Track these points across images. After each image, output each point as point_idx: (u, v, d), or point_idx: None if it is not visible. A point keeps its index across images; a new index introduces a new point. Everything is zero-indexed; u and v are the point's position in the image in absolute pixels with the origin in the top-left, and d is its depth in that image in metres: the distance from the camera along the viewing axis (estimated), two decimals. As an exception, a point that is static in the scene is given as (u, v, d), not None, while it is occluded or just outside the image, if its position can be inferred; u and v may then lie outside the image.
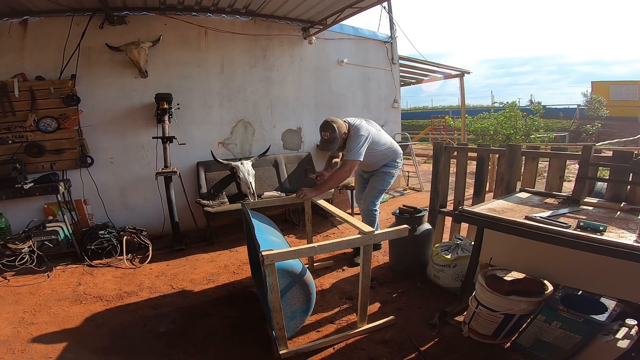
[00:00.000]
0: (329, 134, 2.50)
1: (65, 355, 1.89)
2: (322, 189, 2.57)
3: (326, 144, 2.56)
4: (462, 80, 7.85)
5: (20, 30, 3.29)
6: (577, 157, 2.10)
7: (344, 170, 2.55)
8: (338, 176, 2.56)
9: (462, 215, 1.83)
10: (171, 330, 2.10)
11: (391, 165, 2.80)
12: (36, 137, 3.30)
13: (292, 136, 4.64)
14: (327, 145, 2.56)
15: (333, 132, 2.50)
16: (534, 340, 1.67)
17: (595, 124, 11.51)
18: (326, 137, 2.52)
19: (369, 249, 1.81)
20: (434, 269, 2.45)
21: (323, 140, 2.56)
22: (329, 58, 4.80)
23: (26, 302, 2.47)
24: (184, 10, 3.78)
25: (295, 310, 1.78)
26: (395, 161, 2.82)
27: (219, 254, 3.31)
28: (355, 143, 2.53)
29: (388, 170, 2.79)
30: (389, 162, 2.79)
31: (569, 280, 1.60)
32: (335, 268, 2.86)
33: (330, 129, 2.50)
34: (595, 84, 16.63)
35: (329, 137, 2.50)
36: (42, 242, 3.07)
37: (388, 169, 2.79)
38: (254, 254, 2.45)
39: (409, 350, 1.82)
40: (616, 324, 1.45)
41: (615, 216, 1.72)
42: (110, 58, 3.53)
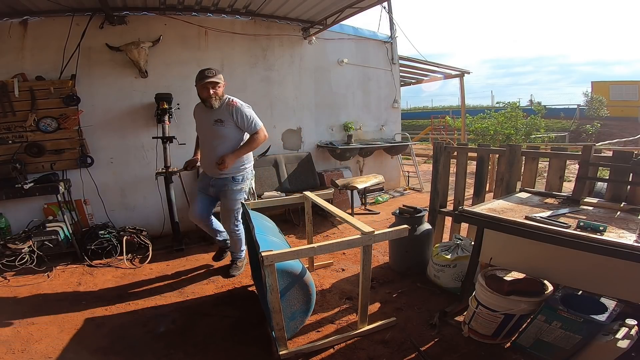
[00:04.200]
0: (214, 72, 2.39)
1: (65, 355, 1.89)
2: (241, 152, 2.50)
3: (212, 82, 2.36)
4: (462, 80, 7.84)
5: (20, 30, 3.29)
6: (577, 157, 2.10)
7: (260, 136, 2.52)
8: (255, 140, 2.52)
9: (462, 215, 1.83)
10: (171, 330, 2.10)
11: (239, 180, 2.59)
12: (36, 137, 3.30)
13: (292, 136, 4.64)
14: (212, 84, 2.37)
15: (218, 73, 2.42)
16: (534, 340, 1.67)
17: (595, 124, 11.51)
18: (211, 75, 2.36)
19: (369, 249, 1.81)
20: (434, 269, 2.45)
21: (207, 76, 2.35)
22: (329, 58, 4.80)
23: (26, 302, 2.47)
24: (184, 10, 3.78)
25: (295, 311, 1.78)
26: (245, 170, 2.62)
27: (219, 254, 3.30)
28: (250, 112, 2.51)
29: (237, 187, 2.60)
30: (238, 174, 2.58)
31: (569, 280, 1.60)
32: (335, 268, 2.86)
33: (214, 69, 2.42)
34: (596, 84, 16.63)
35: (214, 74, 2.38)
36: (42, 242, 3.07)
37: (237, 185, 2.59)
38: (254, 254, 2.45)
39: (409, 350, 1.82)
40: (616, 324, 1.45)
41: (615, 216, 1.72)
42: (110, 58, 3.53)
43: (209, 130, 2.51)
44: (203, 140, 2.66)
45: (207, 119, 2.50)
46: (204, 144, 2.63)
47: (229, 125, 2.47)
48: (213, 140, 2.51)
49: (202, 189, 2.69)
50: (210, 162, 2.52)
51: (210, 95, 2.39)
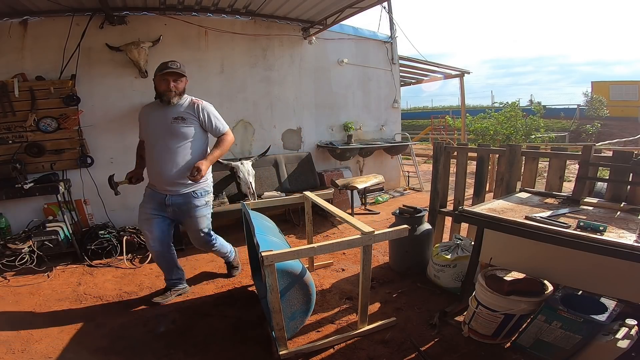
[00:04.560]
0: (178, 64, 2.12)
1: (65, 355, 1.89)
2: (215, 157, 2.19)
3: (174, 73, 2.09)
4: (462, 80, 7.84)
5: (20, 30, 3.29)
6: (577, 157, 2.10)
7: (230, 138, 2.27)
8: (226, 142, 2.24)
9: (462, 215, 1.83)
10: (171, 330, 2.10)
11: (202, 194, 2.25)
12: (36, 137, 3.30)
13: (292, 136, 4.64)
14: (175, 75, 2.10)
15: (183, 66, 2.15)
16: (534, 340, 1.67)
17: (595, 124, 11.51)
18: (174, 66, 2.09)
19: (369, 249, 1.81)
20: (434, 269, 2.45)
21: (169, 67, 2.07)
22: (329, 58, 4.80)
23: (26, 302, 2.46)
24: (184, 10, 3.78)
25: (295, 311, 1.78)
26: (207, 181, 2.29)
27: (219, 254, 3.30)
28: (216, 111, 2.27)
29: (202, 201, 2.25)
30: (199, 188, 2.23)
31: (569, 280, 1.60)
32: (335, 268, 2.86)
33: (179, 62, 2.15)
34: (596, 84, 16.64)
35: (178, 66, 2.11)
36: (42, 242, 3.07)
37: (202, 200, 2.25)
38: (254, 254, 2.45)
39: (409, 350, 1.82)
40: (616, 324, 1.45)
41: (615, 216, 1.72)
42: (110, 58, 3.53)
43: (164, 131, 2.10)
44: (154, 146, 2.17)
45: (161, 118, 2.12)
46: (156, 151, 2.15)
47: (191, 123, 2.14)
48: (171, 143, 2.10)
49: (156, 210, 2.22)
50: (166, 173, 2.11)
51: (170, 89, 2.08)
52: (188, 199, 2.20)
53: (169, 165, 2.11)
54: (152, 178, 2.25)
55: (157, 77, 2.12)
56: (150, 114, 2.21)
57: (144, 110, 2.28)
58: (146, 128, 2.22)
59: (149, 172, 2.27)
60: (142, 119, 2.27)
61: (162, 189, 2.19)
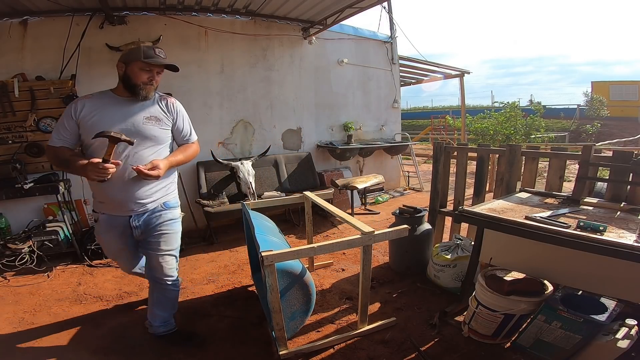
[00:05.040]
0: (164, 54, 1.74)
1: (65, 355, 1.89)
2: (176, 161, 1.79)
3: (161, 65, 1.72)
4: (462, 80, 7.84)
5: (20, 30, 3.29)
6: (577, 157, 2.10)
7: (197, 148, 1.95)
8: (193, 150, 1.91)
9: (462, 215, 1.83)
10: (171, 330, 2.09)
11: (174, 204, 1.86)
12: (36, 137, 3.30)
13: (292, 136, 4.64)
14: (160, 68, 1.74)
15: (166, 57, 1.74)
16: (534, 340, 1.67)
17: (595, 124, 11.51)
18: (163, 56, 1.72)
19: (369, 249, 1.81)
20: (434, 269, 2.45)
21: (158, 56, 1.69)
22: (329, 58, 4.80)
23: (26, 302, 2.46)
24: (184, 10, 3.79)
25: (295, 311, 1.78)
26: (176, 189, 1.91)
27: (219, 254, 3.30)
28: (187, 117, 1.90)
29: (174, 213, 1.85)
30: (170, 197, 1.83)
31: (569, 280, 1.60)
32: (335, 268, 2.86)
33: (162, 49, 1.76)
34: (596, 84, 16.64)
35: (165, 56, 1.74)
36: (42, 242, 3.07)
37: (174, 211, 1.84)
38: (254, 254, 2.44)
39: (409, 350, 1.82)
40: (616, 324, 1.45)
41: (615, 216, 1.72)
42: (110, 58, 3.53)
43: (132, 134, 1.62)
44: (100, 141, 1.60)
45: (127, 117, 1.65)
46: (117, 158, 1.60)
47: (166, 125, 1.76)
48: (141, 149, 1.67)
49: (122, 241, 1.81)
50: (134, 189, 1.68)
51: (151, 82, 1.70)
52: (157, 212, 1.77)
53: (137, 177, 1.63)
54: (110, 197, 1.68)
55: (136, 64, 1.65)
56: (106, 110, 1.64)
57: (90, 104, 1.64)
58: (99, 129, 1.56)
59: (101, 190, 1.67)
60: (89, 118, 1.62)
61: (125, 210, 1.70)
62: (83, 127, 1.64)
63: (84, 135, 1.65)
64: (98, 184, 1.61)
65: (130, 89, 1.69)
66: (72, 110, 1.64)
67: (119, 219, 1.74)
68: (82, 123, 1.64)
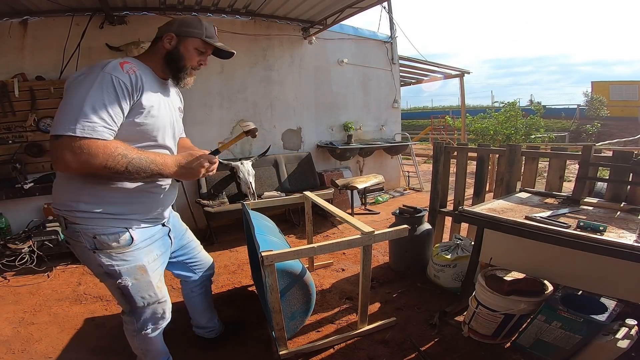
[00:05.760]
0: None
1: (65, 355, 1.89)
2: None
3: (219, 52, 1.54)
4: (462, 80, 7.84)
5: (20, 30, 3.29)
6: (577, 157, 2.09)
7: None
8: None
9: (462, 215, 1.83)
10: (171, 330, 2.09)
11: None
12: (36, 137, 3.30)
13: (292, 136, 4.64)
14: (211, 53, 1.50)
15: None
16: (534, 340, 1.67)
17: (595, 124, 11.51)
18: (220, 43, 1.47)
19: (369, 249, 1.81)
20: (434, 269, 2.45)
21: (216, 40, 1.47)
22: (329, 58, 4.80)
23: (26, 302, 2.47)
24: (184, 10, 3.79)
25: (295, 311, 1.78)
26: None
27: (219, 254, 3.30)
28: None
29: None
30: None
31: (569, 280, 1.60)
32: (335, 268, 2.86)
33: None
34: (596, 84, 16.65)
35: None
36: (42, 242, 3.07)
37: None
38: (254, 254, 2.44)
39: (409, 350, 1.82)
40: (616, 324, 1.45)
41: (615, 216, 1.72)
42: (110, 58, 3.53)
43: (171, 125, 1.35)
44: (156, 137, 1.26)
45: (168, 105, 1.35)
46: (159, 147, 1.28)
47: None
48: (173, 144, 1.39)
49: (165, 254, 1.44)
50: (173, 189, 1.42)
51: (199, 68, 1.43)
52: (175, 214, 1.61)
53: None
54: (154, 202, 1.31)
55: (193, 41, 1.32)
56: (156, 93, 1.26)
57: (145, 81, 1.19)
58: (157, 116, 1.23)
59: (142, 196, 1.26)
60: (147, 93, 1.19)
61: (162, 215, 1.39)
62: (137, 112, 1.16)
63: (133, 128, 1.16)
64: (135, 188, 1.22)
65: (174, 71, 1.33)
66: (130, 84, 1.12)
67: (154, 229, 1.35)
68: (141, 105, 1.16)
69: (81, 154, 1.01)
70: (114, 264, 1.23)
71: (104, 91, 1.06)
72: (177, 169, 1.19)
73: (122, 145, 1.09)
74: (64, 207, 1.20)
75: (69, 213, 1.19)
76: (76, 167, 1.03)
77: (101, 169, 1.04)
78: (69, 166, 1.03)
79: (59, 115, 1.05)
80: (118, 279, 1.25)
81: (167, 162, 1.16)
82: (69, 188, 1.19)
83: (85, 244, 1.20)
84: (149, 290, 1.35)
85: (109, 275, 1.26)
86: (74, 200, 1.18)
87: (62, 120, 1.02)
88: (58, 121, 1.03)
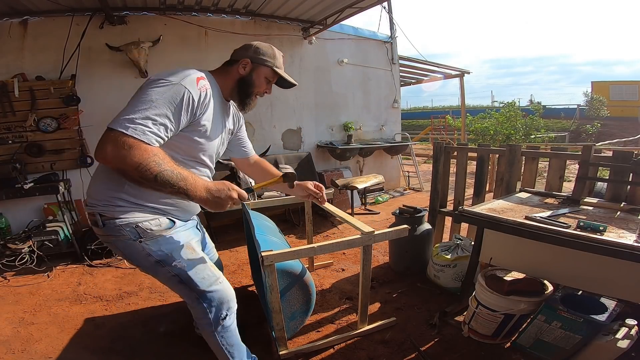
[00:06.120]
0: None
1: (65, 355, 1.89)
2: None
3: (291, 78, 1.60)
4: (462, 80, 7.84)
5: (20, 30, 3.29)
6: (577, 157, 2.10)
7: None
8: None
9: (462, 215, 1.83)
10: (171, 330, 2.09)
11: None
12: (36, 137, 3.30)
13: (292, 136, 4.64)
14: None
15: None
16: (534, 340, 1.67)
17: (595, 124, 11.51)
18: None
19: (369, 249, 1.81)
20: (434, 269, 2.45)
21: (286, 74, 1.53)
22: (329, 58, 4.80)
23: (26, 302, 2.46)
24: (184, 10, 3.79)
25: (295, 311, 1.78)
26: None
27: (219, 253, 3.24)
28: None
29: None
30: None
31: (569, 280, 1.60)
32: (335, 268, 2.86)
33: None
34: (596, 84, 16.65)
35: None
36: (42, 242, 3.07)
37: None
38: (254, 254, 2.44)
39: (409, 350, 1.82)
40: (616, 324, 1.45)
41: (615, 216, 1.72)
42: (110, 58, 3.53)
43: (220, 146, 1.44)
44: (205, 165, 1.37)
45: (221, 125, 1.38)
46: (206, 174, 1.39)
47: None
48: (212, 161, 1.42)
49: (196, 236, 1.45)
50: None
51: (263, 95, 1.51)
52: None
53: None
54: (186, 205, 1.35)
55: (265, 70, 1.40)
56: (216, 114, 1.30)
57: (213, 99, 1.25)
58: (210, 137, 1.29)
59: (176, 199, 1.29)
60: (207, 119, 1.24)
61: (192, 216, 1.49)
62: (194, 128, 1.21)
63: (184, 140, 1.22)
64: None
65: (242, 96, 1.38)
66: (197, 101, 1.16)
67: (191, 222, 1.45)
68: (199, 123, 1.21)
69: (121, 149, 1.01)
70: (164, 249, 1.24)
71: (172, 103, 1.10)
72: (205, 194, 1.13)
73: (161, 154, 1.07)
74: (103, 202, 1.20)
75: (108, 208, 1.20)
76: (111, 160, 1.04)
77: (133, 169, 1.03)
78: (105, 156, 1.03)
79: (123, 110, 1.08)
80: (172, 262, 1.25)
81: (198, 184, 1.12)
82: (108, 183, 1.21)
83: (129, 236, 1.21)
84: (205, 269, 1.33)
85: (160, 263, 1.24)
86: (113, 196, 1.20)
87: (122, 116, 1.06)
88: (119, 115, 1.07)
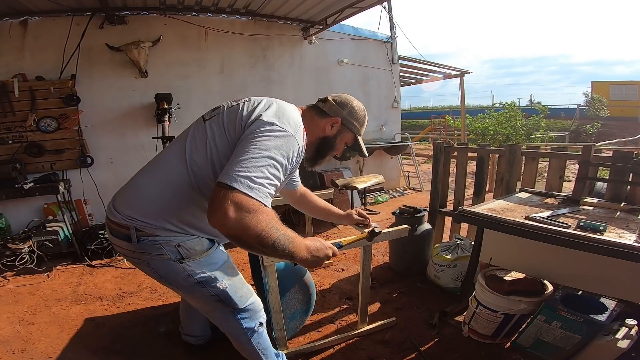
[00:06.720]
0: None
1: (65, 355, 1.89)
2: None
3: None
4: (462, 80, 7.85)
5: (20, 30, 3.29)
6: (577, 157, 2.10)
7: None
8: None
9: (462, 215, 1.83)
10: (171, 330, 2.09)
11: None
12: (36, 137, 3.30)
13: (292, 136, 4.64)
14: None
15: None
16: (534, 340, 1.67)
17: (595, 124, 11.52)
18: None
19: (369, 249, 1.81)
20: (434, 269, 2.45)
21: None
22: (329, 58, 4.80)
23: (26, 302, 2.46)
24: (184, 10, 3.79)
25: (295, 311, 1.78)
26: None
27: (219, 254, 3.30)
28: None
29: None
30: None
31: (569, 280, 1.60)
32: (335, 268, 2.86)
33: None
34: (595, 84, 16.66)
35: None
36: (42, 242, 3.07)
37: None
38: (254, 254, 2.44)
39: (409, 350, 1.82)
40: (616, 324, 1.45)
41: (615, 216, 1.72)
42: (110, 58, 3.53)
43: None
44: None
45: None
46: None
47: None
48: None
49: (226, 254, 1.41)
50: None
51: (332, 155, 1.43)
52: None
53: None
54: None
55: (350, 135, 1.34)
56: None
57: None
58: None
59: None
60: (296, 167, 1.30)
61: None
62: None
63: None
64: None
65: (316, 155, 1.34)
66: (300, 154, 1.14)
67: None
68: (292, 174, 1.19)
69: (245, 213, 0.88)
70: (206, 270, 1.20)
71: (287, 159, 1.03)
72: (306, 255, 1.05)
73: (276, 217, 0.97)
74: (146, 219, 1.12)
75: (148, 226, 1.12)
76: (233, 226, 0.88)
77: (254, 237, 0.90)
78: (226, 222, 0.87)
79: (237, 162, 0.94)
80: (214, 283, 1.20)
81: (301, 245, 1.05)
82: (160, 206, 1.14)
83: (168, 256, 1.14)
84: (243, 287, 1.32)
85: (201, 284, 1.19)
86: (166, 219, 1.13)
87: (238, 172, 0.91)
88: (232, 169, 0.92)
